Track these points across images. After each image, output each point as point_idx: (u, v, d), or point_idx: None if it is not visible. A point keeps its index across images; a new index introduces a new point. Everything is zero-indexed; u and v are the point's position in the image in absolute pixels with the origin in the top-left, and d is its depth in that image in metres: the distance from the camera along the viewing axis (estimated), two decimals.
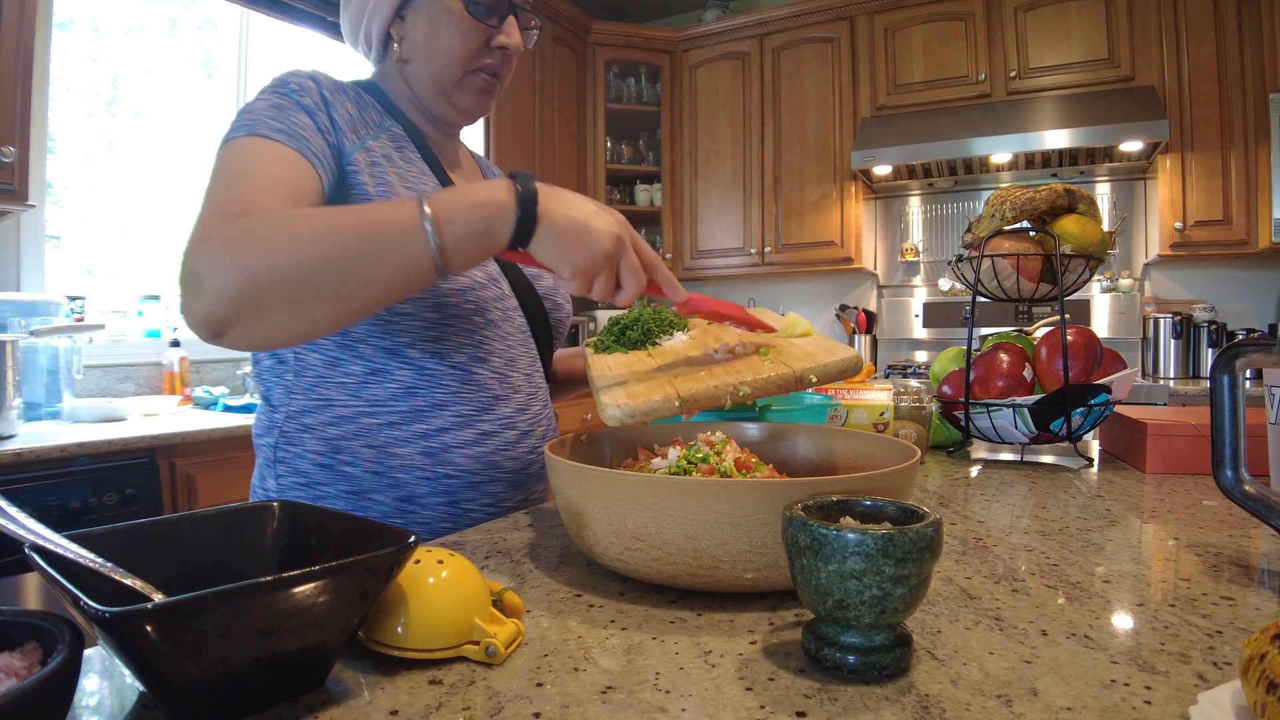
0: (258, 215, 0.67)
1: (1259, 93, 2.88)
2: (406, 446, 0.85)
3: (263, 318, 0.64)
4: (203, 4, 2.89)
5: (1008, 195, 1.26)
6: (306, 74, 0.85)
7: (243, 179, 0.72)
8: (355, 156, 0.83)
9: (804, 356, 0.77)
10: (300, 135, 0.78)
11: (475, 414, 0.88)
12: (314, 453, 0.85)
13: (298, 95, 0.81)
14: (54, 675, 0.33)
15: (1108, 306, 3.34)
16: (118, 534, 0.48)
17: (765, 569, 0.55)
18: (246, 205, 0.68)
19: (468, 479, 0.87)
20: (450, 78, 0.90)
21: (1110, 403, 1.13)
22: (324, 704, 0.42)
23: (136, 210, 2.74)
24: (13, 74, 1.85)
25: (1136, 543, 0.76)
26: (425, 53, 0.89)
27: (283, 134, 0.77)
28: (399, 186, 0.85)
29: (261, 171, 0.73)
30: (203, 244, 0.65)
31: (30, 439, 1.68)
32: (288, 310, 0.65)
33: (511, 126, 3.48)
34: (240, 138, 0.76)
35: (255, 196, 0.70)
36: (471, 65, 0.90)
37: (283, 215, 0.67)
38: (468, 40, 0.88)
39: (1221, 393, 0.67)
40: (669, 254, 4.10)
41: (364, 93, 0.91)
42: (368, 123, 0.88)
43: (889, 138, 3.40)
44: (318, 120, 0.81)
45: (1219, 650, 0.48)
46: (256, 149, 0.75)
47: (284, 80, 0.83)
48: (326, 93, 0.84)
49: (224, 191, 0.71)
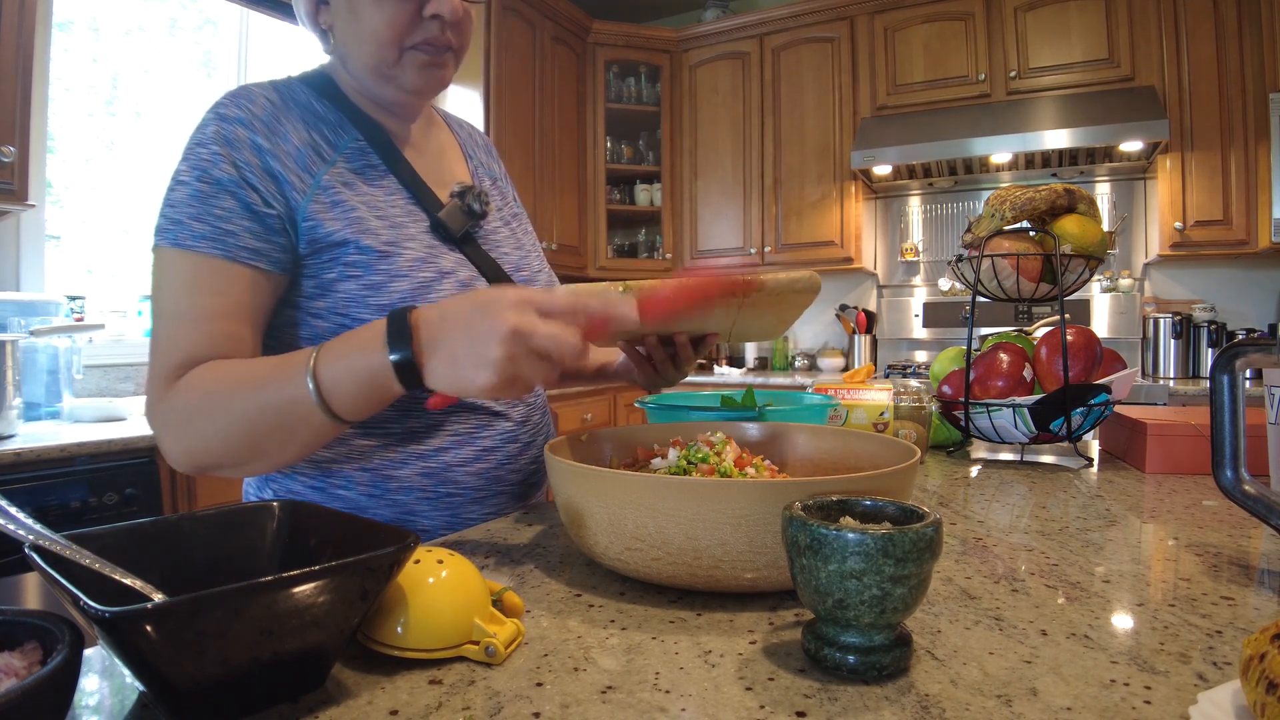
0: (183, 393, 0.71)
1: (1259, 93, 2.88)
2: (404, 469, 0.82)
3: (227, 472, 0.73)
4: (203, 4, 2.89)
5: (1008, 195, 1.26)
6: (238, 116, 0.76)
7: (174, 320, 0.73)
8: (310, 208, 0.77)
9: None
10: (226, 235, 0.73)
11: (474, 431, 0.85)
12: (304, 475, 0.83)
13: (219, 164, 0.73)
14: (54, 675, 0.33)
15: (1108, 306, 3.34)
16: (118, 534, 0.48)
17: (765, 569, 0.55)
18: (178, 359, 0.72)
19: (471, 495, 0.85)
20: (385, 60, 0.81)
21: (1110, 403, 1.13)
22: (324, 704, 0.42)
23: (136, 210, 2.74)
24: (13, 74, 1.85)
25: (1136, 543, 0.76)
26: (353, 39, 0.81)
27: (206, 241, 0.72)
28: (370, 220, 0.80)
29: (194, 306, 0.72)
30: (152, 415, 0.73)
31: (30, 439, 1.68)
32: (239, 469, 0.73)
33: (511, 126, 3.48)
34: (167, 247, 0.73)
35: (187, 343, 0.72)
36: (405, 42, 0.80)
37: (203, 392, 0.70)
38: (392, 17, 0.78)
39: (1221, 393, 0.67)
40: (669, 254, 4.09)
41: (315, 99, 0.84)
42: (319, 148, 0.80)
43: (889, 138, 3.40)
44: (246, 197, 0.74)
45: (1219, 650, 0.48)
46: (183, 274, 0.73)
47: (209, 139, 0.74)
48: (262, 138, 0.76)
49: (162, 337, 0.73)
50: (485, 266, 0.90)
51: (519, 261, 0.97)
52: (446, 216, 0.86)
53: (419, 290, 0.79)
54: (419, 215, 0.85)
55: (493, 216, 0.97)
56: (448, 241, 0.86)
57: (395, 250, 0.79)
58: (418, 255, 0.81)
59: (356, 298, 0.78)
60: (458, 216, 0.87)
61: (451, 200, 0.88)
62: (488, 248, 0.93)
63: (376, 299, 0.78)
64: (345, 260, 0.78)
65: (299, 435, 0.69)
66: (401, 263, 0.79)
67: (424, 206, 0.86)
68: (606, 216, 4.05)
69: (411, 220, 0.84)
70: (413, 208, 0.85)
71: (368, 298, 0.78)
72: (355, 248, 0.78)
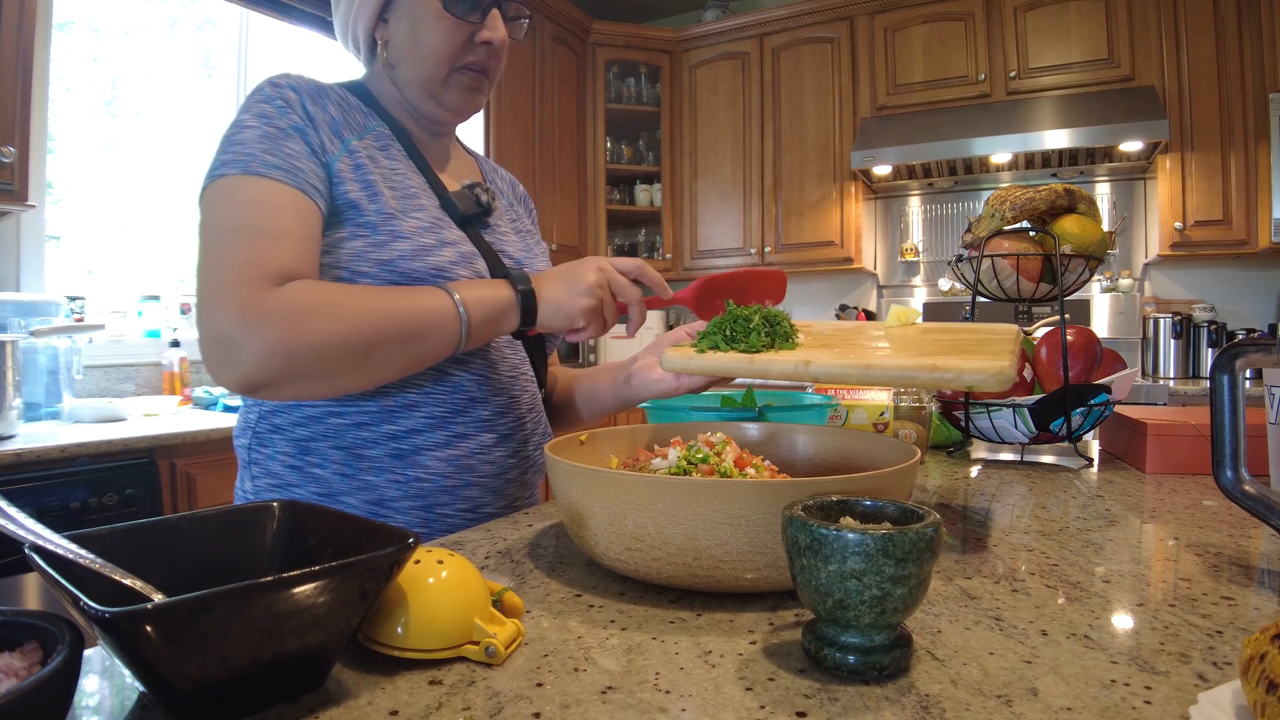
0: (296, 292, 0.72)
1: (1259, 93, 2.88)
2: (375, 448, 0.84)
3: (296, 386, 0.73)
4: (203, 4, 2.89)
5: (1008, 195, 1.26)
6: (287, 84, 0.83)
7: (259, 235, 0.74)
8: (338, 166, 0.82)
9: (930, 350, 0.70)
10: (297, 169, 0.78)
11: (448, 415, 0.86)
12: (284, 454, 0.85)
13: (286, 115, 0.80)
14: (54, 675, 0.33)
15: (1108, 306, 3.34)
16: (118, 534, 0.48)
17: (765, 569, 0.55)
18: (274, 268, 0.72)
19: (440, 483, 0.85)
20: (436, 77, 0.89)
21: (1110, 403, 1.13)
22: (324, 704, 0.42)
23: (136, 210, 2.74)
24: (13, 74, 1.85)
25: (1136, 543, 0.76)
26: (409, 54, 0.88)
27: (280, 171, 0.77)
28: (382, 187, 0.84)
29: (274, 225, 0.75)
30: (243, 315, 0.70)
31: (30, 439, 1.68)
32: (320, 381, 0.74)
33: (511, 127, 3.48)
34: (235, 175, 0.76)
35: (280, 256, 0.74)
36: (456, 63, 0.88)
37: (321, 294, 0.73)
38: (449, 38, 0.86)
39: (1221, 393, 0.66)
40: (669, 254, 4.09)
41: (349, 94, 0.90)
42: (351, 124, 0.87)
43: (889, 138, 3.40)
44: (309, 141, 0.81)
45: (1219, 650, 0.48)
46: (261, 194, 0.76)
47: (268, 96, 0.81)
48: (308, 102, 0.83)
49: (243, 249, 0.73)
50: (487, 253, 0.94)
51: (521, 258, 0.99)
52: (455, 197, 0.93)
53: (419, 252, 0.83)
54: (431, 196, 0.91)
55: (502, 220, 1.01)
56: (455, 219, 0.92)
57: (401, 216, 0.84)
58: (422, 224, 0.86)
59: (359, 253, 0.82)
60: (465, 200, 0.94)
61: (462, 188, 0.95)
62: (491, 240, 0.96)
63: (378, 254, 0.82)
64: (356, 221, 0.82)
65: (423, 346, 0.76)
66: (404, 226, 0.84)
67: (435, 190, 0.92)
68: (606, 217, 4.05)
69: (424, 195, 0.89)
70: (426, 188, 0.91)
71: (369, 253, 0.82)
72: (365, 209, 0.83)
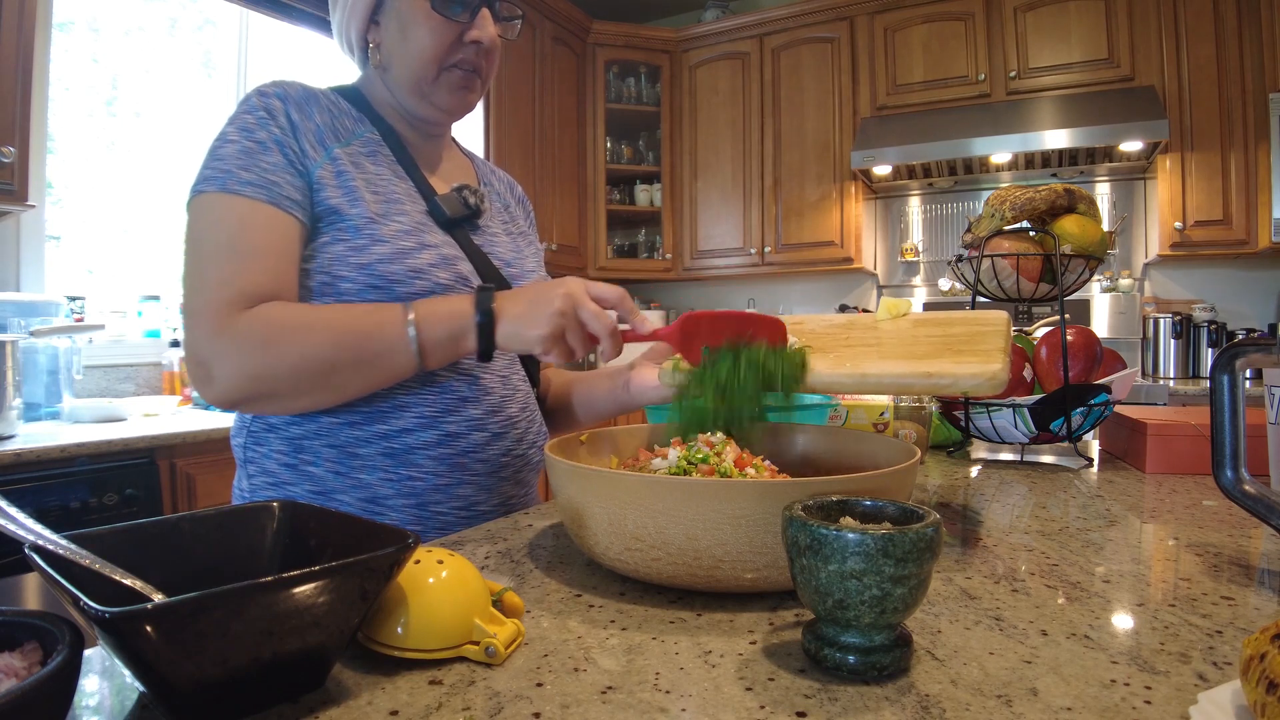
0: (264, 315, 0.75)
1: (1259, 93, 2.88)
2: (368, 447, 0.84)
3: (270, 403, 0.79)
4: (203, 4, 2.89)
5: (1007, 195, 1.26)
6: (274, 92, 0.84)
7: (233, 255, 0.77)
8: (319, 174, 0.83)
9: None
10: (272, 184, 0.80)
11: (439, 415, 0.86)
12: (279, 452, 0.86)
13: (266, 127, 0.82)
14: (54, 675, 0.33)
15: (1108, 306, 3.34)
16: (118, 534, 0.48)
17: (765, 569, 0.55)
18: (246, 289, 0.76)
19: (433, 481, 0.86)
20: (425, 77, 0.89)
21: (1110, 403, 1.13)
22: (324, 704, 0.42)
23: (136, 210, 2.74)
24: (13, 74, 1.85)
25: (1136, 543, 0.76)
26: (399, 55, 0.89)
27: (255, 187, 0.79)
28: (364, 192, 0.85)
29: (247, 243, 0.78)
30: (214, 339, 0.75)
31: (30, 439, 1.68)
32: (291, 399, 0.79)
33: (511, 127, 3.48)
34: (213, 193, 0.79)
35: (252, 275, 0.77)
36: (445, 62, 0.89)
37: (289, 316, 0.76)
38: (438, 37, 0.87)
39: (1221, 393, 0.66)
40: (669, 254, 4.09)
41: (341, 99, 0.91)
42: (338, 131, 0.87)
43: (889, 138, 3.40)
44: (287, 153, 0.82)
45: (1219, 650, 0.48)
46: (235, 213, 0.78)
47: (252, 107, 0.83)
48: (293, 111, 0.84)
49: (216, 270, 0.77)
50: (474, 255, 0.93)
51: (511, 259, 0.98)
52: (443, 200, 0.92)
53: (397, 255, 0.84)
54: (417, 199, 0.91)
55: (493, 222, 1.00)
56: (441, 224, 0.91)
57: (382, 220, 0.85)
58: (403, 227, 0.86)
59: (339, 257, 0.83)
60: (453, 203, 0.93)
61: (450, 191, 0.94)
62: (480, 242, 0.96)
63: (357, 258, 0.83)
64: (337, 226, 0.84)
65: (378, 368, 0.78)
66: (385, 230, 0.84)
67: (423, 193, 0.92)
68: (606, 217, 4.04)
69: (408, 199, 0.89)
70: (412, 192, 0.91)
71: (349, 257, 0.83)
72: (346, 214, 0.84)
